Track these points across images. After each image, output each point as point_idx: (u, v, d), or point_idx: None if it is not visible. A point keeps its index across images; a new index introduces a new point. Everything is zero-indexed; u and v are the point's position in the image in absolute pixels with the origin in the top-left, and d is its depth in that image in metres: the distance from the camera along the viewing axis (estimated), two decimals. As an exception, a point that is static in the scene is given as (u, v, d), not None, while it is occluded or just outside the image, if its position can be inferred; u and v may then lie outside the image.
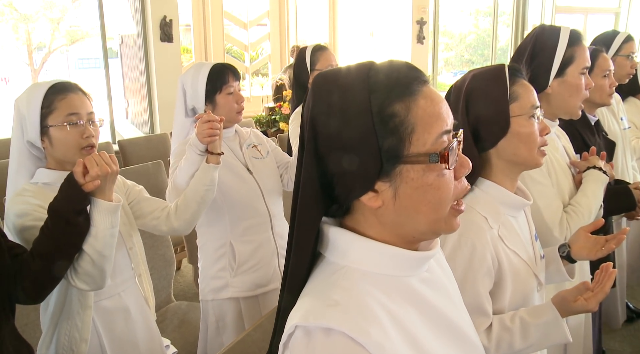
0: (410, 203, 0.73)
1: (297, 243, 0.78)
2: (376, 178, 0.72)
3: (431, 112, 0.72)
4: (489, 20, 11.09)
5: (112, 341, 1.62)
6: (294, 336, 0.70)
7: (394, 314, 0.72)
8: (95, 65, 19.22)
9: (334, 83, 0.75)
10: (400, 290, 0.76)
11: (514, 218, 1.35)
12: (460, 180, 0.76)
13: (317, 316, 0.68)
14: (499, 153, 1.31)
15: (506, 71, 1.29)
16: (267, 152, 2.15)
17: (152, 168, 3.72)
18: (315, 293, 0.74)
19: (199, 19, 8.36)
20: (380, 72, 0.73)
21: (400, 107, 0.71)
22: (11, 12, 17.16)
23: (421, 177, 0.71)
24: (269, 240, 2.06)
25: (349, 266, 0.75)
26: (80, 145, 1.51)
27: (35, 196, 1.48)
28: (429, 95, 0.73)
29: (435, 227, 0.75)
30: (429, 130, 0.71)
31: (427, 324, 0.76)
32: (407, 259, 0.77)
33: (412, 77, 0.73)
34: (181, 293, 3.67)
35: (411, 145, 0.71)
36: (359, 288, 0.72)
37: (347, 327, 0.66)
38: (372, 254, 0.76)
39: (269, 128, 6.59)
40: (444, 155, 0.70)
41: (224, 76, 1.94)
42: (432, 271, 0.83)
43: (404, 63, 0.75)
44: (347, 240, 0.77)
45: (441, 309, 0.79)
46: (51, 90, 1.50)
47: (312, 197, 0.75)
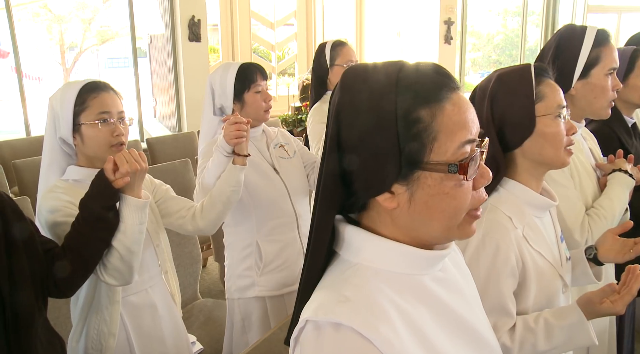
0: (424, 209, 0.72)
1: (315, 236, 0.78)
2: (394, 181, 0.72)
3: (456, 120, 0.71)
4: (518, 20, 10.93)
5: (139, 336, 1.64)
6: (304, 331, 0.71)
7: (404, 312, 0.71)
8: (124, 65, 19.55)
9: (362, 80, 0.74)
10: (413, 288, 0.75)
11: (539, 218, 1.33)
12: (479, 190, 0.75)
13: (327, 311, 0.69)
14: (524, 153, 1.30)
15: (532, 70, 1.27)
16: (294, 152, 2.15)
17: (180, 167, 3.76)
18: (327, 289, 0.75)
19: (226, 19, 8.44)
20: (410, 74, 0.72)
21: (425, 112, 0.70)
22: (46, 14, 17.57)
23: (438, 184, 0.71)
24: (295, 239, 2.06)
25: (361, 264, 0.76)
26: (111, 142, 1.53)
27: (66, 192, 1.51)
28: (457, 102, 0.72)
29: (448, 234, 0.75)
30: (452, 139, 0.70)
31: (439, 323, 0.75)
32: (419, 258, 0.76)
33: (441, 82, 0.72)
34: (207, 291, 3.70)
35: (432, 153, 0.70)
36: (370, 285, 0.73)
37: (356, 323, 0.66)
38: (385, 252, 0.76)
39: (295, 127, 6.62)
40: (464, 166, 0.70)
41: (252, 75, 1.95)
42: (446, 271, 0.82)
43: (435, 67, 0.73)
44: (360, 238, 0.77)
45: (455, 310, 0.78)
46: (84, 88, 1.53)
47: (331, 189, 0.76)
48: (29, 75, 14.83)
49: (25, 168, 3.87)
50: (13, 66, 5.80)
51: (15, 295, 1.22)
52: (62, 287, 1.36)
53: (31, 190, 3.58)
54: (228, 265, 2.10)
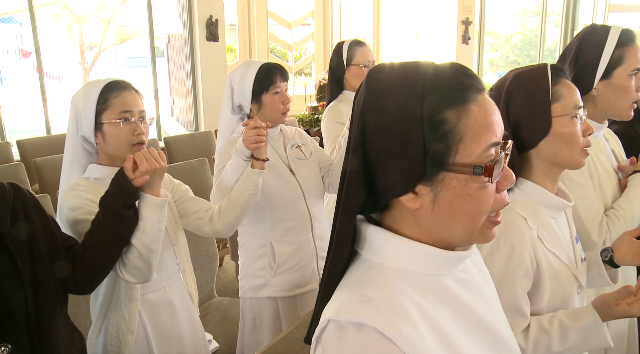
0: (448, 210, 0.72)
1: (337, 236, 0.78)
2: (417, 181, 0.72)
3: (482, 122, 0.71)
4: (536, 20, 10.82)
5: (157, 334, 1.66)
6: (326, 330, 0.71)
7: (426, 312, 0.71)
8: (142, 64, 19.73)
9: (388, 80, 0.74)
10: (434, 289, 0.75)
11: (554, 219, 1.32)
12: (502, 192, 0.75)
13: (349, 311, 0.69)
14: (539, 154, 1.29)
15: (549, 70, 1.26)
16: (310, 153, 2.14)
17: (197, 165, 3.78)
18: (349, 289, 0.75)
19: (243, 19, 8.48)
20: (437, 75, 0.72)
21: (451, 114, 0.70)
22: (66, 14, 17.82)
23: (463, 186, 0.71)
24: (308, 241, 2.06)
25: (383, 264, 0.76)
26: (131, 141, 1.55)
27: (87, 190, 1.53)
28: (483, 104, 0.72)
29: (470, 237, 0.75)
30: (478, 141, 0.70)
31: (460, 324, 0.75)
32: (441, 258, 0.76)
33: (468, 84, 0.72)
34: (223, 289, 3.71)
35: (457, 154, 0.70)
36: (392, 285, 0.73)
37: (379, 323, 0.66)
38: (407, 252, 0.76)
39: (312, 127, 6.63)
40: (489, 168, 0.70)
41: (272, 76, 1.94)
42: (467, 272, 0.82)
43: (461, 68, 0.73)
44: (382, 238, 0.77)
45: (476, 311, 0.78)
46: (106, 87, 1.54)
47: (354, 188, 0.76)
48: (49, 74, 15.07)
49: (46, 166, 3.92)
50: (34, 66, 5.89)
51: (37, 290, 1.24)
52: (82, 284, 1.38)
53: (52, 188, 3.63)
54: (242, 264, 2.11)
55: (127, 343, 1.58)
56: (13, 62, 18.47)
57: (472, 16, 8.37)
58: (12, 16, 15.94)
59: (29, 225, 1.27)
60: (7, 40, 18.11)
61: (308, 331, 0.84)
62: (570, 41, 1.79)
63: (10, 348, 1.17)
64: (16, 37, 18.30)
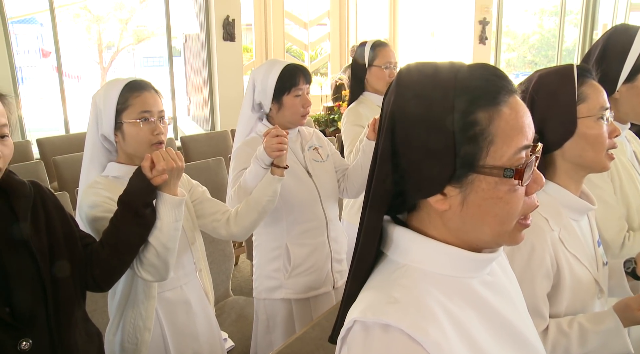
0: (477, 213, 0.72)
1: (364, 237, 0.78)
2: (447, 183, 0.72)
3: (514, 124, 0.70)
4: (555, 20, 10.72)
5: (173, 332, 1.67)
6: (352, 331, 0.70)
7: (453, 315, 0.71)
8: (159, 64, 19.90)
9: (419, 80, 0.74)
10: (461, 291, 0.75)
11: (576, 221, 1.30)
12: (531, 196, 0.74)
13: (376, 312, 0.68)
14: (564, 155, 1.27)
15: (575, 71, 1.24)
16: (327, 156, 2.13)
17: (213, 164, 3.81)
18: (375, 290, 0.74)
19: (260, 19, 8.51)
20: (469, 76, 0.71)
21: (483, 116, 0.69)
22: (85, 14, 18.06)
23: (492, 188, 0.70)
24: (323, 244, 2.05)
25: (409, 265, 0.75)
26: (151, 141, 1.56)
27: (106, 188, 1.54)
28: (514, 106, 0.71)
29: (499, 239, 0.74)
30: (509, 144, 0.70)
31: (487, 327, 0.75)
32: (468, 260, 0.75)
33: (499, 86, 0.71)
34: (238, 288, 3.73)
35: (488, 156, 0.69)
36: (419, 287, 0.72)
37: (406, 324, 0.65)
38: (433, 254, 0.75)
39: (327, 127, 6.62)
40: (520, 171, 0.69)
41: (295, 78, 1.93)
42: (494, 275, 0.81)
43: (493, 69, 0.73)
44: (408, 239, 0.77)
45: (503, 314, 0.77)
46: (127, 87, 1.55)
47: (383, 189, 0.75)
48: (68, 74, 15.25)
49: (65, 164, 3.97)
50: (54, 65, 5.97)
51: (57, 286, 1.26)
52: (100, 281, 1.39)
53: (70, 186, 3.68)
54: (256, 265, 2.11)
55: (144, 340, 1.59)
56: (33, 61, 18.75)
57: (490, 16, 8.32)
58: (34, 17, 16.20)
59: (49, 222, 1.29)
60: (28, 41, 18.39)
61: (333, 331, 0.84)
62: (595, 41, 1.75)
63: (31, 343, 1.18)
64: (37, 37, 18.58)
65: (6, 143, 1.16)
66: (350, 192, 2.15)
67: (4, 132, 1.16)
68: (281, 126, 1.97)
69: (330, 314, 1.64)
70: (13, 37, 5.36)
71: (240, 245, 3.75)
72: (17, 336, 1.17)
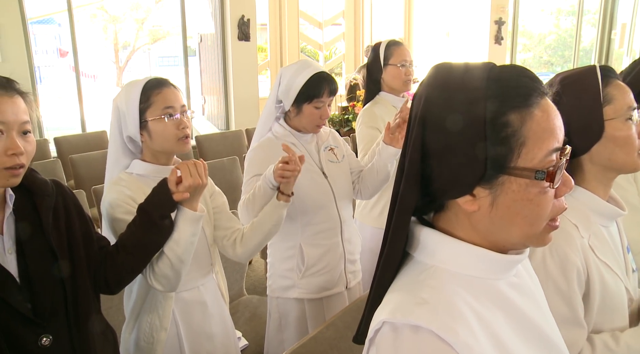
0: (506, 214, 0.72)
1: (392, 237, 0.78)
2: (476, 184, 0.72)
3: (545, 126, 0.70)
4: (572, 19, 10.60)
5: (188, 332, 1.67)
6: (380, 332, 0.70)
7: (481, 316, 0.71)
8: (174, 63, 20.05)
9: (451, 79, 0.73)
10: (488, 292, 0.74)
11: (605, 228, 1.26)
12: (560, 198, 0.74)
13: (405, 312, 0.68)
14: (592, 159, 1.23)
15: (598, 72, 1.20)
16: (343, 156, 2.12)
17: (228, 164, 3.83)
18: (403, 291, 0.74)
19: (275, 18, 8.53)
20: (501, 77, 0.71)
21: (515, 117, 0.69)
22: (102, 15, 18.26)
23: (523, 190, 0.70)
24: (337, 244, 2.04)
25: (437, 266, 0.75)
26: (177, 136, 1.57)
27: (129, 186, 1.56)
28: (546, 108, 0.71)
29: (527, 241, 0.74)
30: (540, 146, 0.69)
31: (514, 328, 0.74)
32: (495, 262, 0.75)
33: (531, 87, 0.71)
34: (252, 287, 3.74)
35: (519, 158, 0.69)
36: (447, 288, 0.72)
37: (435, 325, 0.65)
38: (461, 255, 0.75)
39: (342, 127, 6.62)
40: (551, 173, 0.69)
41: (320, 89, 1.90)
42: (520, 276, 0.81)
43: (524, 71, 0.72)
44: (436, 240, 0.76)
45: (529, 315, 0.77)
46: (146, 86, 1.56)
47: (412, 189, 0.75)
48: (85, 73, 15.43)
49: (81, 162, 4.02)
50: (71, 65, 6.04)
51: (76, 284, 1.27)
52: (111, 283, 1.40)
53: (86, 184, 3.72)
54: (270, 263, 2.12)
55: (160, 339, 1.60)
56: (51, 61, 19.00)
57: (506, 16, 8.25)
58: (52, 17, 16.41)
59: (69, 221, 1.30)
60: (47, 41, 18.63)
61: (357, 331, 0.84)
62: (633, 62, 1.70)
63: (52, 339, 1.20)
64: (55, 37, 18.83)
65: (29, 139, 1.18)
66: (364, 194, 2.15)
67: (27, 128, 1.17)
68: (295, 129, 1.98)
69: (344, 315, 1.63)
70: (32, 37, 5.43)
71: (254, 244, 3.76)
72: (38, 332, 1.18)
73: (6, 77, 1.17)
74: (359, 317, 1.62)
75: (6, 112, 1.12)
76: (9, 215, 1.20)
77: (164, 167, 1.61)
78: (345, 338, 1.58)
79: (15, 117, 1.13)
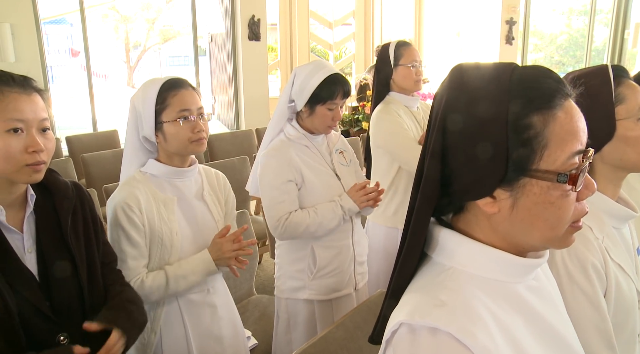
0: (527, 217, 0.71)
1: (411, 238, 0.77)
2: (497, 186, 0.70)
3: (568, 128, 0.69)
4: (584, 19, 10.51)
5: (197, 334, 1.68)
6: (398, 333, 0.70)
7: (499, 319, 0.70)
8: (184, 63, 20.14)
9: (473, 80, 0.73)
10: (507, 295, 0.74)
11: (617, 229, 1.25)
12: (582, 201, 0.72)
13: (423, 314, 0.68)
14: (603, 159, 1.22)
15: (610, 71, 1.19)
16: (350, 160, 2.13)
17: (238, 163, 3.84)
18: (421, 292, 0.73)
19: (285, 18, 8.54)
20: (523, 78, 0.70)
21: (538, 119, 0.68)
22: (114, 14, 18.39)
23: (544, 193, 0.69)
24: (348, 247, 2.05)
25: (455, 268, 0.75)
26: (191, 139, 1.56)
27: (140, 187, 1.56)
28: (570, 110, 0.70)
29: (548, 243, 0.73)
30: (563, 148, 0.68)
31: (532, 332, 0.73)
32: (515, 265, 0.74)
33: (555, 89, 0.69)
34: (261, 287, 3.74)
35: (541, 160, 0.68)
36: (466, 290, 0.71)
37: (454, 328, 0.65)
38: (480, 257, 0.74)
39: (352, 127, 6.61)
40: (574, 176, 0.67)
41: (334, 91, 1.90)
42: (539, 280, 0.80)
43: (548, 71, 0.71)
44: (455, 242, 0.76)
45: (547, 319, 0.76)
46: (164, 87, 1.56)
47: (432, 190, 0.74)
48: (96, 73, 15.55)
49: (93, 161, 4.05)
50: (83, 65, 6.08)
51: (92, 285, 1.29)
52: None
53: (98, 183, 3.75)
54: (279, 264, 2.11)
55: (150, 342, 1.61)
56: (63, 61, 19.15)
57: (517, 16, 8.21)
58: (64, 17, 16.55)
59: (86, 224, 1.32)
60: (59, 41, 18.79)
61: (373, 331, 0.84)
62: None
63: (68, 337, 1.22)
64: (67, 37, 18.98)
65: (48, 136, 1.19)
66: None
67: (46, 125, 1.18)
68: (307, 129, 1.98)
69: (354, 315, 1.63)
70: (44, 37, 5.48)
71: (264, 244, 3.77)
72: (56, 330, 1.20)
73: (23, 75, 1.18)
74: (369, 318, 1.63)
75: (25, 110, 1.13)
76: (30, 214, 1.22)
77: (177, 169, 1.62)
78: (355, 338, 1.57)
79: (34, 115, 1.14)
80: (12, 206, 1.19)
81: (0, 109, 1.10)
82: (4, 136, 1.10)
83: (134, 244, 1.52)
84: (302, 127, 1.98)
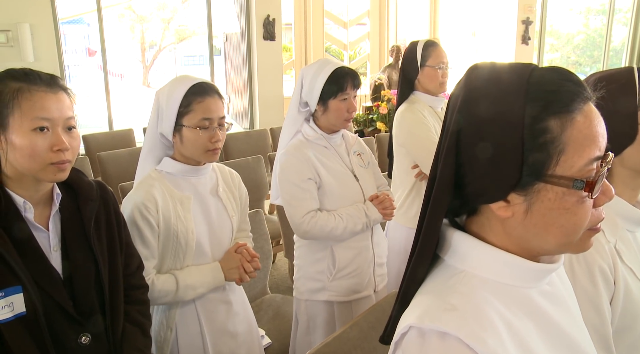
0: (541, 222, 0.69)
1: (423, 240, 0.76)
2: (511, 190, 0.69)
3: (587, 134, 0.66)
4: (602, 19, 10.38)
5: (212, 331, 1.69)
6: (407, 336, 0.69)
7: (511, 325, 0.68)
8: (199, 62, 20.27)
9: (489, 82, 0.71)
10: (519, 301, 0.72)
11: (630, 232, 1.23)
12: (599, 208, 0.70)
13: (433, 318, 0.67)
14: (623, 162, 1.20)
15: (635, 74, 1.17)
16: (368, 162, 2.13)
17: (252, 163, 3.84)
18: (432, 295, 0.73)
19: (300, 18, 8.55)
20: (542, 81, 0.68)
21: (555, 123, 0.66)
22: (130, 14, 18.56)
23: (560, 199, 0.67)
24: (367, 248, 2.04)
25: (467, 271, 0.73)
26: (207, 147, 1.57)
27: (159, 184, 1.58)
28: (589, 114, 0.67)
29: (563, 249, 0.71)
30: (580, 154, 0.66)
31: (544, 339, 0.72)
32: (528, 270, 0.73)
33: (574, 92, 0.67)
34: (275, 286, 3.75)
35: (557, 166, 0.66)
36: (477, 294, 0.70)
37: (464, 333, 0.64)
38: (493, 261, 0.73)
39: (366, 127, 6.59)
40: (591, 183, 0.65)
41: (343, 82, 1.91)
42: (553, 285, 0.78)
43: (567, 74, 0.69)
44: (467, 245, 0.74)
45: (561, 325, 0.75)
46: (191, 90, 1.55)
47: (445, 192, 0.73)
48: (112, 72, 15.69)
49: (109, 160, 4.08)
50: (99, 64, 6.15)
51: (113, 287, 1.30)
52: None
53: (114, 181, 3.78)
54: (299, 265, 2.11)
55: (167, 338, 1.63)
56: (80, 60, 19.37)
57: (533, 15, 8.13)
58: (81, 17, 16.74)
59: (109, 225, 1.33)
60: (76, 40, 19.01)
61: (384, 332, 0.83)
62: None
63: (90, 338, 1.23)
64: (84, 37, 19.20)
65: (74, 135, 1.19)
66: None
67: (71, 124, 1.18)
68: (325, 128, 1.98)
69: (368, 315, 1.63)
70: (62, 37, 5.54)
71: (278, 243, 3.78)
72: (79, 330, 1.21)
73: (50, 74, 1.18)
74: (383, 318, 1.63)
75: (51, 108, 1.13)
76: (55, 213, 1.23)
77: (193, 167, 1.63)
78: (370, 338, 1.57)
79: (60, 113, 1.14)
80: (38, 204, 1.20)
81: (27, 108, 1.10)
82: (30, 134, 1.11)
83: (147, 244, 1.53)
84: (319, 127, 1.98)
